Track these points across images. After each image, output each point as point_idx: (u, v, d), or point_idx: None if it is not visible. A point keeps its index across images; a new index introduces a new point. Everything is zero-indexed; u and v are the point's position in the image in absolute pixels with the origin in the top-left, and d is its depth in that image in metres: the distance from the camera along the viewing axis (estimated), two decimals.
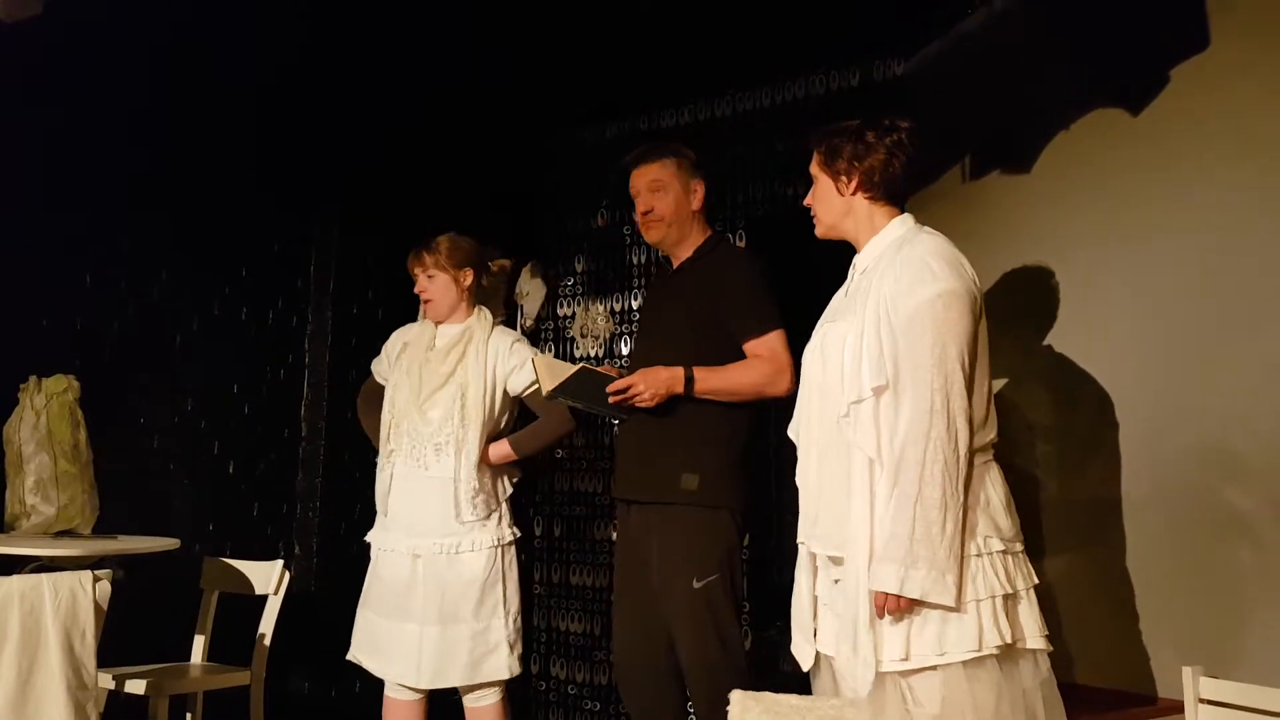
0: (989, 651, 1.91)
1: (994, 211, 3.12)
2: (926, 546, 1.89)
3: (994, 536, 1.97)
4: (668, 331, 2.80)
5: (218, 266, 3.83)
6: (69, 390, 3.08)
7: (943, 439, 1.91)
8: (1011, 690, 1.94)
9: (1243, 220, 2.56)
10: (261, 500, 3.86)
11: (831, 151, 2.16)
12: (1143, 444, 2.70)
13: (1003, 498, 2.03)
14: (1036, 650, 1.98)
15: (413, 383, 2.99)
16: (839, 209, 2.18)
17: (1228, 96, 2.59)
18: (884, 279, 2.03)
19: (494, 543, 2.93)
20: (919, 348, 1.95)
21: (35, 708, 2.40)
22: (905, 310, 1.98)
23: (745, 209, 3.87)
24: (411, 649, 2.88)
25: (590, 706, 4.07)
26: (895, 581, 1.90)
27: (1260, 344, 2.51)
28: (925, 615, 1.92)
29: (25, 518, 2.95)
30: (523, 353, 3.02)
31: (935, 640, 1.91)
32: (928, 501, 1.90)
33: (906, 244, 2.08)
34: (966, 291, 2.00)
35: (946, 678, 1.91)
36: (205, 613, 3.39)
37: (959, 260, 2.05)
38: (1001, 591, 1.94)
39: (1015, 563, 2.00)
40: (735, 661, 2.63)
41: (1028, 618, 1.98)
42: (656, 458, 2.71)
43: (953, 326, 1.96)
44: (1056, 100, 2.95)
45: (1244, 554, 2.49)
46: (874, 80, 3.57)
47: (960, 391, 1.94)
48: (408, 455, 2.95)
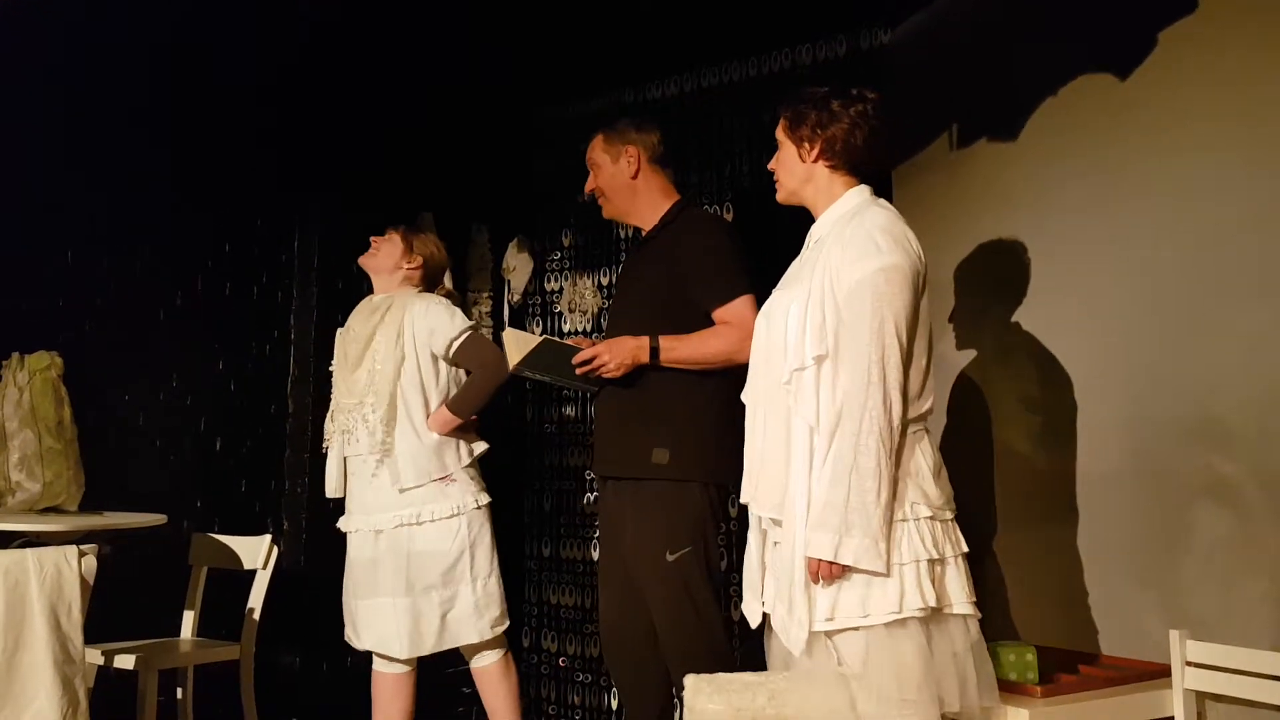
0: (911, 614, 1.97)
1: (981, 179, 3.11)
2: (860, 514, 1.95)
3: (921, 503, 2.03)
4: (635, 302, 2.80)
5: (201, 242, 3.80)
6: (52, 367, 3.06)
7: (878, 410, 1.97)
8: (940, 652, 2.00)
9: (1232, 186, 2.56)
10: (249, 476, 3.85)
11: (796, 118, 2.21)
12: (1129, 413, 2.70)
13: (932, 466, 2.08)
14: (965, 615, 2.04)
15: (340, 358, 3.08)
16: (800, 175, 2.22)
17: (1216, 60, 2.58)
18: (832, 250, 2.09)
19: (454, 510, 2.93)
20: (859, 320, 2.01)
21: (22, 683, 2.39)
22: (848, 282, 2.04)
23: (732, 180, 3.86)
24: (387, 620, 2.91)
25: (582, 678, 4.09)
26: (830, 549, 1.96)
27: (1248, 313, 2.51)
28: (853, 578, 1.98)
29: (10, 494, 2.93)
30: (440, 313, 2.99)
31: (860, 602, 1.98)
32: (863, 470, 1.96)
33: (856, 216, 2.12)
34: (910, 266, 2.05)
35: (870, 638, 1.98)
36: (194, 588, 3.39)
37: (905, 235, 2.09)
38: (926, 556, 2.00)
39: (944, 530, 2.05)
40: (711, 633, 2.62)
41: (955, 583, 2.03)
42: (627, 431, 2.70)
43: (892, 300, 2.01)
44: (1043, 66, 2.94)
45: (1229, 521, 2.51)
46: (861, 50, 3.54)
47: (896, 364, 2.00)
48: (344, 434, 3.00)
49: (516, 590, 3.50)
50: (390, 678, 3.01)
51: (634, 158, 2.83)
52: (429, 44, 3.81)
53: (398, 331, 2.97)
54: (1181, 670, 2.31)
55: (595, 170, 2.90)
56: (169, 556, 3.41)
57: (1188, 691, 2.31)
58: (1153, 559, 2.62)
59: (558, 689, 4.16)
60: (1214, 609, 2.47)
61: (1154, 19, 2.67)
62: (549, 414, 4.30)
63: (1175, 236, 2.65)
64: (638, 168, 2.83)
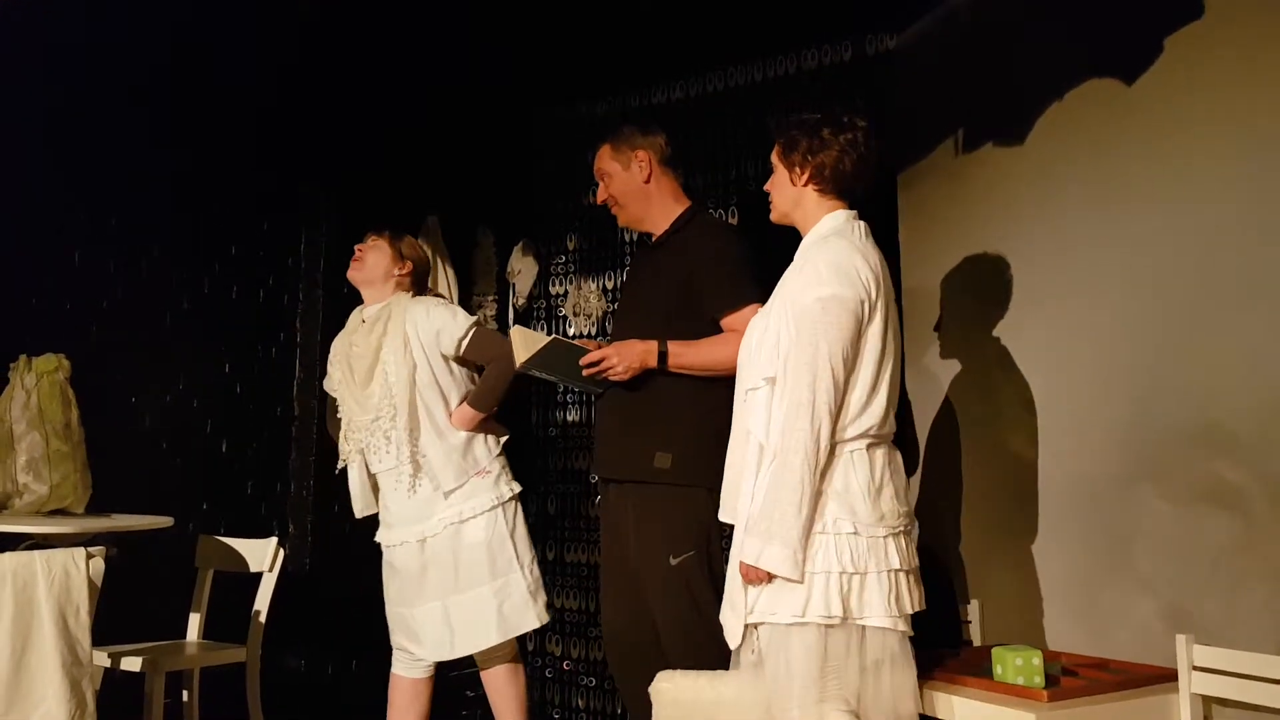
0: (813, 620, 2.12)
1: (986, 184, 3.11)
2: (781, 525, 2.11)
3: (845, 519, 2.15)
4: (644, 306, 2.79)
5: (207, 245, 3.81)
6: (59, 369, 3.06)
7: (805, 431, 2.12)
8: (849, 658, 2.14)
9: (1237, 191, 2.55)
10: (255, 479, 3.86)
11: (789, 144, 2.34)
12: (1134, 417, 2.70)
13: (864, 485, 2.18)
14: (885, 629, 2.16)
15: (346, 376, 3.02)
16: (790, 198, 2.37)
17: (1223, 65, 2.58)
18: (795, 277, 2.26)
19: (495, 501, 2.95)
20: (799, 345, 2.17)
21: (30, 684, 2.40)
22: (794, 311, 2.21)
23: (738, 184, 3.86)
24: (440, 624, 2.92)
25: (586, 682, 4.09)
26: (754, 554, 2.14)
27: (1252, 318, 2.50)
28: (775, 581, 2.16)
29: (17, 496, 2.94)
30: (442, 314, 2.99)
31: (772, 601, 2.16)
32: (787, 485, 2.12)
33: (815, 246, 2.28)
34: (852, 297, 2.18)
35: (773, 634, 2.17)
36: (200, 590, 3.39)
37: (852, 267, 2.21)
38: (839, 570, 2.13)
39: (869, 546, 2.16)
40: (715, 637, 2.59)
41: (875, 597, 2.15)
42: (631, 435, 2.70)
43: (828, 329, 2.15)
44: (1050, 71, 2.94)
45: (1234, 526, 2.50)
46: (866, 54, 3.55)
47: (827, 388, 2.14)
48: (369, 451, 2.97)
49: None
50: (410, 682, 3.02)
51: (645, 162, 2.82)
52: (434, 47, 3.82)
53: (404, 340, 2.95)
54: (1188, 675, 2.31)
55: (606, 180, 2.87)
56: (175, 559, 3.42)
57: (1194, 696, 2.31)
58: (1158, 564, 2.61)
59: (563, 693, 4.16)
60: (1220, 613, 2.46)
61: (1160, 23, 2.66)
62: (553, 418, 4.30)
63: (1180, 241, 2.64)
64: (650, 171, 2.82)
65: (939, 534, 2.39)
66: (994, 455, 3.01)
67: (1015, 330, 2.97)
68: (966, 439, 3.06)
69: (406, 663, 3.03)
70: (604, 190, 2.89)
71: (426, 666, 3.02)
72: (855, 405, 2.19)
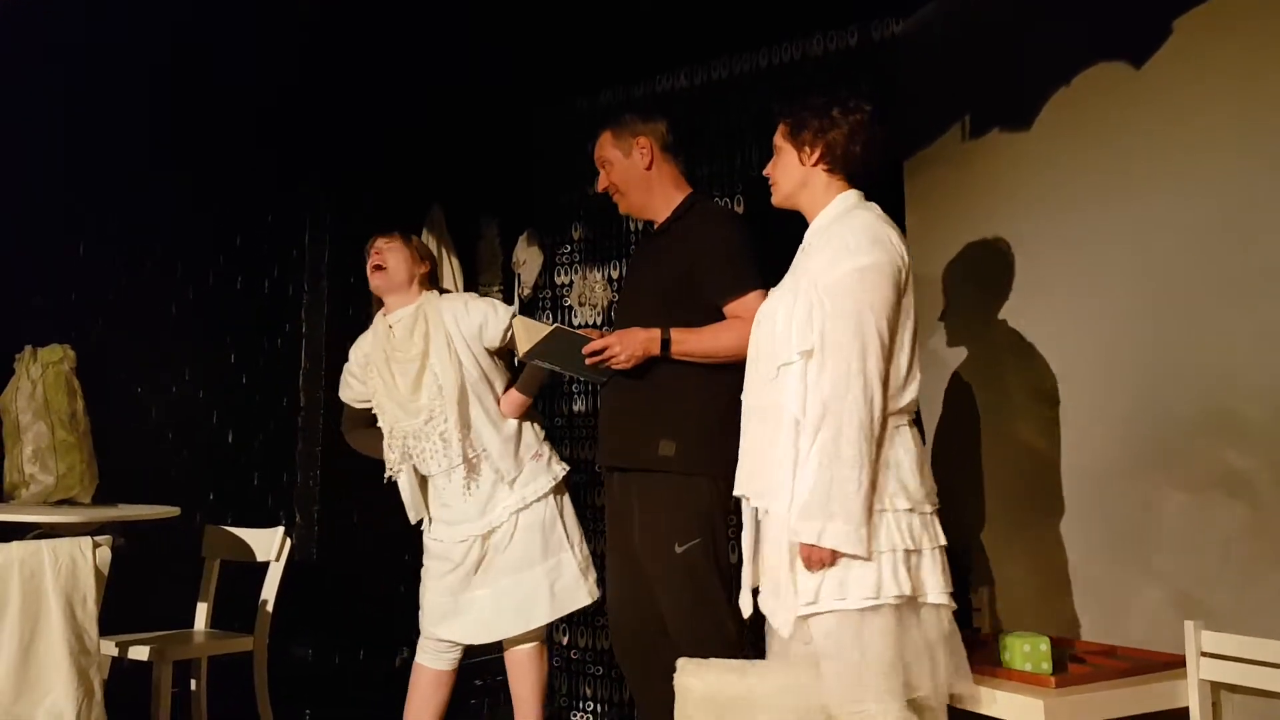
0: (886, 600, 2.06)
1: (993, 170, 3.09)
2: (842, 501, 2.05)
3: (900, 496, 2.11)
4: (645, 294, 2.78)
5: (212, 236, 3.81)
6: (65, 360, 3.07)
7: (859, 401, 2.07)
8: (911, 639, 2.09)
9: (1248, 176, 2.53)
10: (261, 469, 3.86)
11: (797, 124, 2.32)
12: (1143, 405, 2.68)
13: (913, 461, 2.16)
14: (939, 605, 2.13)
15: (389, 384, 2.98)
16: (797, 179, 2.33)
17: (1232, 48, 2.55)
18: (822, 251, 2.20)
19: (551, 483, 3.00)
20: (840, 316, 2.11)
21: (38, 673, 2.40)
22: (827, 281, 2.15)
23: (743, 171, 3.85)
24: (487, 608, 2.95)
25: (595, 671, 4.09)
26: (814, 533, 2.06)
27: (1261, 303, 2.49)
28: (834, 565, 2.08)
29: (24, 487, 2.94)
30: (482, 307, 3.01)
31: (839, 586, 2.08)
32: (845, 459, 2.05)
33: (839, 220, 2.24)
34: (889, 264, 2.15)
35: (843, 621, 2.08)
36: (208, 580, 3.40)
37: (886, 235, 2.19)
38: (903, 547, 2.09)
39: (922, 523, 2.13)
40: (721, 624, 2.61)
41: (930, 575, 2.12)
42: (634, 424, 2.69)
43: (872, 297, 2.11)
44: (1056, 55, 2.91)
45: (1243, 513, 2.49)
46: (872, 40, 3.53)
47: (877, 357, 2.09)
48: (419, 456, 2.95)
49: None
50: (434, 673, 3.03)
51: (646, 149, 2.80)
52: (438, 37, 3.81)
53: (446, 339, 2.95)
54: (1196, 661, 2.30)
55: (607, 168, 2.86)
56: (182, 549, 3.42)
57: (1203, 682, 2.30)
58: (1167, 551, 2.60)
59: (570, 682, 4.16)
60: (1229, 600, 2.46)
61: (1169, 5, 2.64)
62: (560, 408, 4.30)
63: (1188, 228, 2.63)
64: (651, 158, 2.80)
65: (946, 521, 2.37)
66: (1001, 443, 3.00)
67: (1022, 318, 2.95)
68: (973, 428, 3.05)
69: (433, 654, 3.03)
70: (605, 178, 2.87)
71: (454, 659, 3.03)
72: (899, 377, 2.15)
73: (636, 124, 2.84)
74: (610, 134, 2.86)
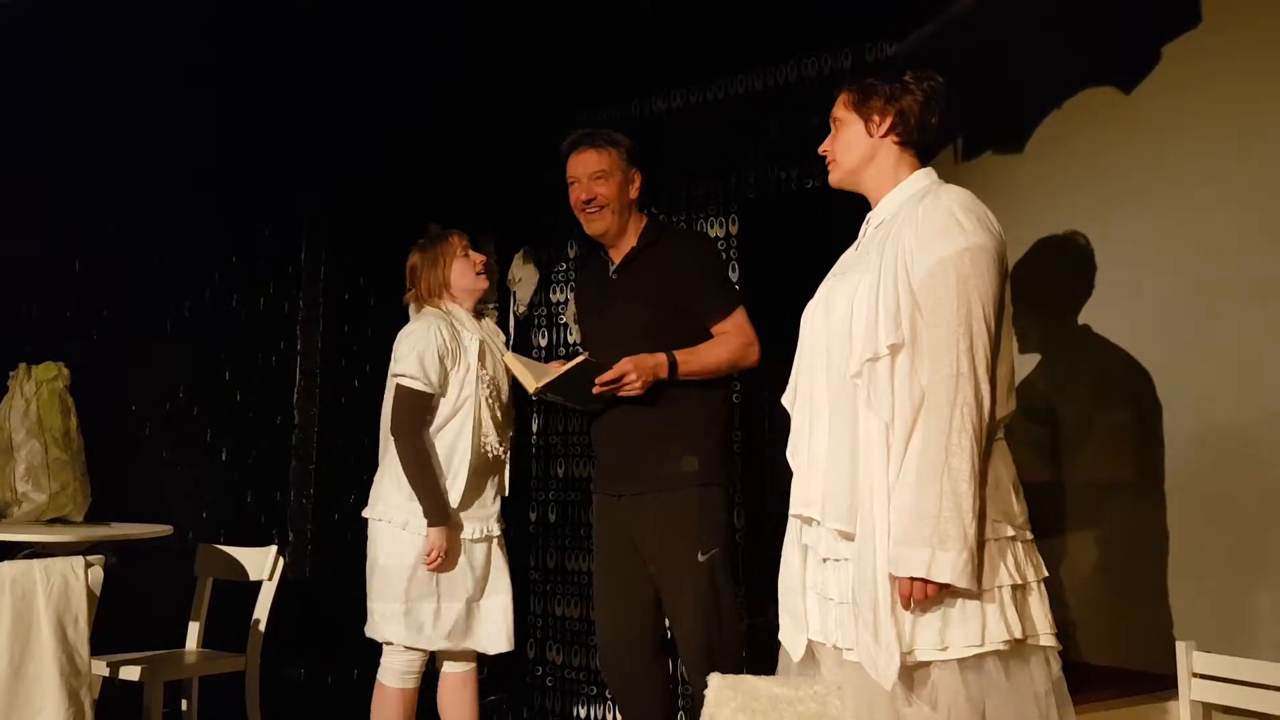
0: (994, 647, 1.74)
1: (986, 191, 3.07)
2: (955, 525, 1.69)
3: (1004, 522, 1.79)
4: (634, 324, 2.77)
5: (208, 253, 3.81)
6: (59, 378, 3.07)
7: (970, 405, 1.73)
8: (1019, 691, 1.75)
9: (1236, 197, 2.56)
10: (255, 487, 3.85)
11: (865, 91, 1.99)
12: (1136, 425, 2.70)
13: (1014, 480, 1.85)
14: (1047, 648, 1.80)
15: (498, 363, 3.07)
16: (864, 152, 1.99)
17: (1220, 73, 2.59)
18: (903, 231, 1.86)
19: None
20: (943, 305, 1.77)
21: (28, 694, 2.39)
22: (927, 264, 1.80)
23: (738, 192, 3.87)
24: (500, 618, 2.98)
25: (587, 690, 4.08)
26: (922, 565, 1.70)
27: (1254, 324, 2.51)
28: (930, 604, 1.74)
29: (16, 505, 2.94)
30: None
31: (938, 634, 1.74)
32: (955, 473, 1.71)
33: (930, 195, 1.90)
34: (996, 247, 1.84)
35: (942, 675, 1.74)
36: (200, 599, 3.39)
37: (986, 214, 1.88)
38: (1010, 582, 1.76)
39: (1026, 551, 1.81)
40: (734, 636, 2.68)
41: (1038, 612, 1.80)
42: (657, 446, 2.72)
43: (979, 284, 1.79)
44: (1048, 79, 2.95)
45: (1235, 533, 2.50)
46: (866, 62, 3.56)
47: (986, 354, 1.77)
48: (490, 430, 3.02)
49: (521, 603, 3.49)
50: (401, 693, 2.99)
51: (636, 185, 2.85)
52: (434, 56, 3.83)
53: None
54: (1188, 682, 2.30)
55: (603, 179, 2.80)
56: (175, 567, 3.41)
57: (1194, 703, 2.30)
58: (1159, 570, 2.61)
59: (562, 701, 4.15)
60: (1220, 620, 2.46)
61: (1158, 33, 2.68)
62: (554, 426, 4.30)
63: (1180, 248, 2.65)
64: (638, 195, 2.87)
65: None
66: None
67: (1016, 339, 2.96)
68: None
69: (401, 673, 2.98)
70: (595, 188, 2.79)
71: (417, 675, 3.00)
72: (1004, 381, 1.82)
73: (634, 154, 2.87)
74: (619, 152, 2.84)
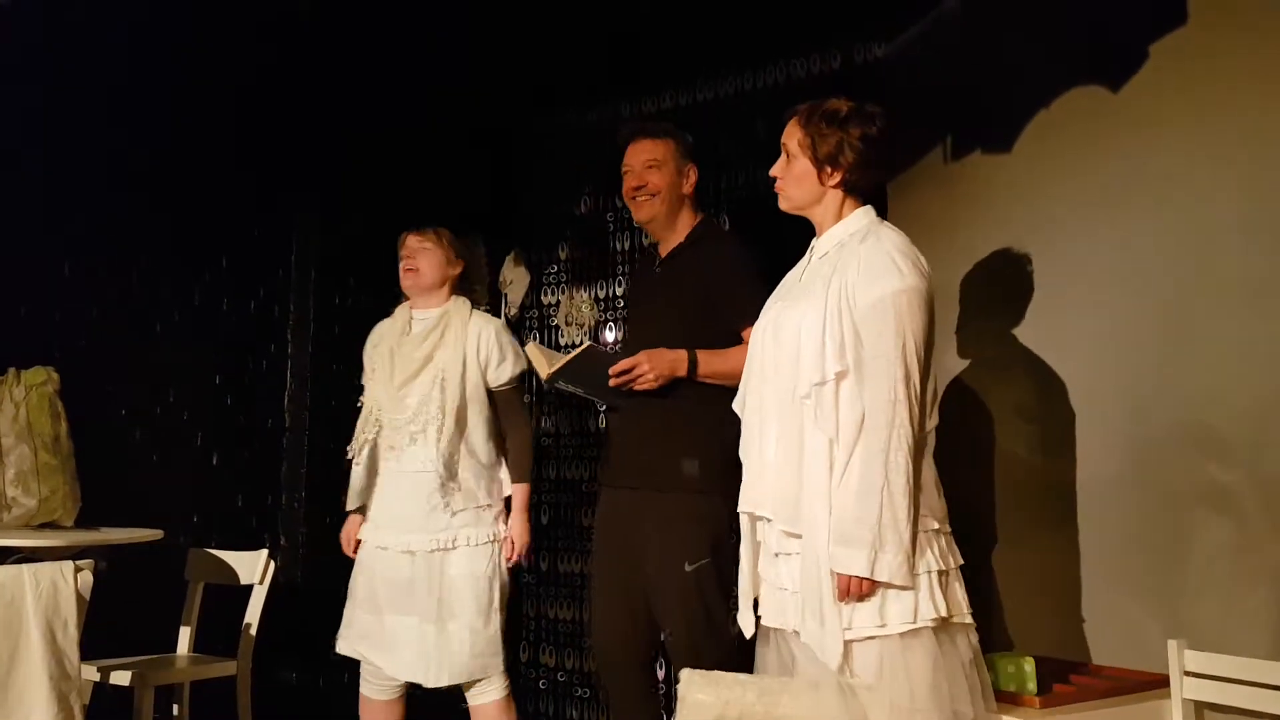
0: (924, 624, 2.01)
1: (975, 191, 3.12)
2: (894, 531, 1.99)
3: (929, 517, 2.07)
4: (666, 317, 2.78)
5: (198, 256, 3.80)
6: (48, 382, 3.05)
7: (905, 427, 2.02)
8: (949, 662, 2.03)
9: (1224, 195, 2.57)
10: (245, 491, 3.84)
11: (819, 139, 2.21)
12: (1125, 423, 2.71)
13: (934, 479, 2.13)
14: (967, 625, 2.09)
15: (385, 369, 2.93)
16: (814, 195, 2.25)
17: (1207, 72, 2.60)
18: (846, 267, 2.13)
19: (489, 538, 2.90)
20: (882, 339, 2.06)
21: (18, 699, 2.38)
22: (868, 301, 2.08)
23: (727, 194, 3.87)
24: (417, 646, 2.83)
25: (580, 693, 4.07)
26: (865, 565, 1.98)
27: (1241, 321, 2.52)
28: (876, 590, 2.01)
29: (6, 510, 2.92)
30: (504, 348, 2.95)
31: (876, 612, 2.01)
32: (894, 487, 2.00)
33: (870, 235, 2.17)
34: (927, 289, 2.12)
35: (885, 648, 2.01)
36: (190, 604, 3.37)
37: (919, 257, 2.16)
38: (937, 568, 2.04)
39: (946, 543, 2.10)
40: (723, 645, 2.63)
41: (959, 595, 2.08)
42: (659, 444, 2.71)
43: (912, 322, 2.07)
44: (1036, 79, 2.96)
45: (1227, 530, 2.51)
46: (855, 63, 3.56)
47: (916, 382, 2.06)
48: (385, 446, 2.90)
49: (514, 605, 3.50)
50: (382, 704, 2.95)
51: (693, 179, 2.84)
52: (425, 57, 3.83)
53: (462, 354, 2.89)
54: (1180, 680, 2.31)
55: (655, 169, 2.81)
56: (165, 572, 3.39)
57: (1186, 701, 2.31)
58: (1150, 568, 2.62)
59: (555, 704, 4.14)
60: (1212, 618, 2.47)
61: (1146, 32, 2.69)
62: (547, 427, 4.29)
63: (1168, 245, 2.66)
64: (692, 189, 2.85)
65: None
66: (985, 460, 3.02)
67: (1006, 336, 2.97)
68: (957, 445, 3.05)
69: (375, 684, 2.94)
70: (646, 176, 2.81)
71: (396, 687, 2.93)
72: (930, 399, 2.12)
73: (691, 149, 2.87)
74: (675, 143, 2.85)
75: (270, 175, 3.95)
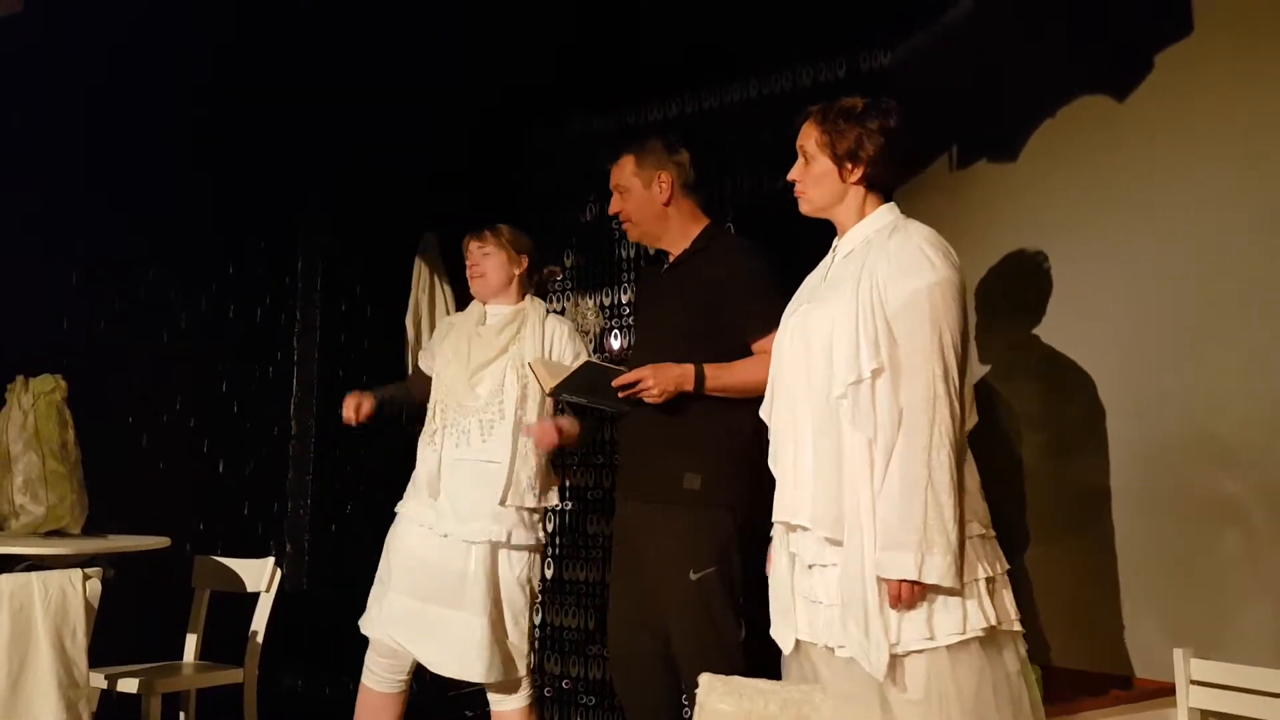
0: (974, 634, 1.93)
1: (981, 199, 3.13)
2: (940, 532, 1.90)
3: (975, 521, 2.01)
4: (668, 329, 2.74)
5: (205, 264, 3.82)
6: (56, 390, 3.06)
7: (947, 423, 1.94)
8: (995, 674, 1.95)
9: (1229, 203, 2.58)
10: (252, 499, 3.85)
11: (837, 137, 2.15)
12: (1131, 431, 2.71)
13: (978, 485, 2.07)
14: (1015, 633, 2.00)
15: (461, 357, 2.90)
16: (836, 194, 2.18)
17: (1212, 82, 2.61)
18: (875, 264, 2.05)
19: (534, 543, 2.90)
20: (919, 334, 1.98)
21: (26, 706, 2.39)
22: (901, 296, 2.00)
23: (733, 200, 3.87)
24: (464, 639, 2.78)
25: (586, 701, 4.07)
26: (913, 568, 1.89)
27: (1246, 329, 2.52)
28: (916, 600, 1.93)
29: (14, 518, 2.93)
30: (577, 347, 2.97)
31: (924, 624, 1.92)
32: (938, 486, 1.91)
33: (898, 231, 2.10)
34: (959, 281, 2.04)
35: (932, 662, 1.92)
36: (197, 611, 3.38)
37: (950, 250, 2.08)
38: (984, 575, 1.97)
39: (993, 548, 2.03)
40: (730, 654, 2.60)
41: (1007, 601, 2.00)
42: (662, 457, 2.68)
43: (948, 315, 2.00)
44: (1042, 88, 2.96)
45: (1234, 539, 2.51)
46: (860, 71, 3.57)
47: (955, 377, 1.98)
48: (454, 434, 2.85)
49: None
50: (382, 697, 2.93)
51: (666, 184, 2.75)
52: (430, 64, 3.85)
53: (537, 349, 2.90)
54: (1186, 689, 2.31)
55: (623, 194, 2.80)
56: (172, 579, 3.40)
57: (1193, 710, 2.30)
58: (1157, 577, 2.62)
59: (562, 712, 4.14)
60: (1219, 627, 2.47)
61: (1151, 41, 2.70)
62: None
63: (1175, 255, 2.66)
64: (670, 194, 2.76)
65: None
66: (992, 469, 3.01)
67: (1012, 345, 2.98)
68: None
69: (380, 674, 2.92)
70: (618, 203, 2.81)
71: (401, 681, 2.92)
72: (968, 398, 2.05)
73: (661, 155, 2.78)
74: (634, 161, 2.78)
75: (276, 184, 3.96)
